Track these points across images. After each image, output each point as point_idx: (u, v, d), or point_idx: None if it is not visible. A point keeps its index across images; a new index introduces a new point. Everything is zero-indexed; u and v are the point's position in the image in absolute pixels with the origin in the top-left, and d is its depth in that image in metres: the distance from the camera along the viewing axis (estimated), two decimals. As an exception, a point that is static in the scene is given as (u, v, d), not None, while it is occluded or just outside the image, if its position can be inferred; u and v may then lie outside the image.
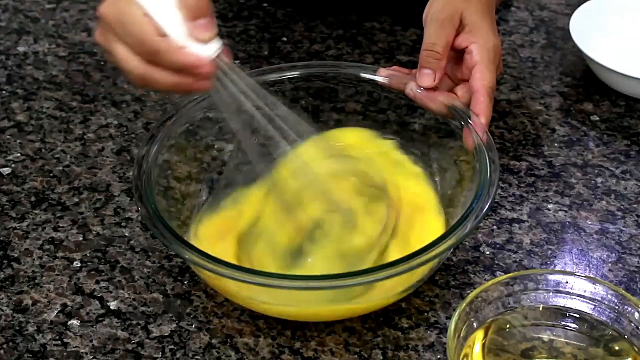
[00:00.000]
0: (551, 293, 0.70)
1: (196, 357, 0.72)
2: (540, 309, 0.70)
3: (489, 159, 0.75)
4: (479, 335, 0.68)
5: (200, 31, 0.67)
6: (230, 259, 0.74)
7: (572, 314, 0.70)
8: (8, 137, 0.95)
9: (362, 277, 0.67)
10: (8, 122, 0.97)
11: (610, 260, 0.79)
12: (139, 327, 0.75)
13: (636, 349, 0.67)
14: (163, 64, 0.67)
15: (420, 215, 0.79)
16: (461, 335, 0.67)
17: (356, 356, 0.72)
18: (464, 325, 0.67)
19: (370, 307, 0.73)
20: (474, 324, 0.68)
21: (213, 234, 0.78)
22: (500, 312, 0.69)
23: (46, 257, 0.81)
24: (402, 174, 0.82)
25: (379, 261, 0.73)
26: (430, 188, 0.81)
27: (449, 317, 0.74)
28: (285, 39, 1.08)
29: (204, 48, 0.67)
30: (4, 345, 0.74)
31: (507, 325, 0.69)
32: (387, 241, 0.75)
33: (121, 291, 0.78)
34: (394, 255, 0.73)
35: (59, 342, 0.74)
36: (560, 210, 0.84)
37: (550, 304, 0.70)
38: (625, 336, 0.68)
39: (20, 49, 1.08)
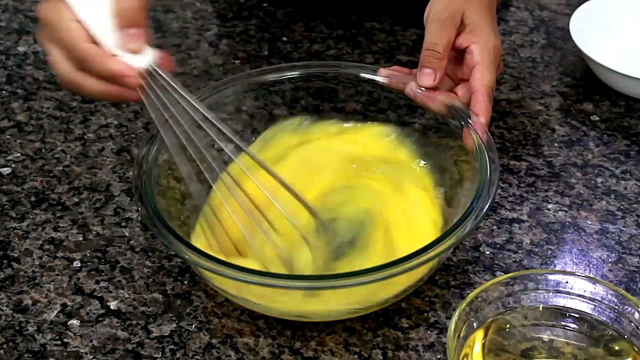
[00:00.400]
0: (551, 293, 0.70)
1: (196, 357, 0.72)
2: (540, 309, 0.70)
3: (489, 159, 0.75)
4: (479, 335, 0.68)
5: (129, 41, 0.67)
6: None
7: (572, 314, 0.70)
8: (8, 137, 0.95)
9: (362, 277, 0.67)
10: (8, 122, 0.97)
11: (610, 260, 0.79)
12: (139, 327, 0.75)
13: (636, 349, 0.67)
14: (92, 70, 0.67)
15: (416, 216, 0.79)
16: (461, 335, 0.67)
17: (356, 356, 0.72)
18: (464, 325, 0.67)
19: (370, 307, 0.73)
20: (474, 324, 0.68)
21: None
22: (500, 312, 0.69)
23: (46, 257, 0.81)
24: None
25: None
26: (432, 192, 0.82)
27: (449, 317, 0.74)
28: (285, 39, 1.08)
29: (136, 59, 0.67)
30: (4, 345, 0.74)
31: (507, 325, 0.69)
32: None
33: (121, 291, 0.78)
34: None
35: (59, 342, 0.74)
36: (560, 210, 0.84)
37: (550, 304, 0.70)
38: (625, 336, 0.68)
39: (20, 49, 1.08)
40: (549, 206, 0.84)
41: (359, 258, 0.75)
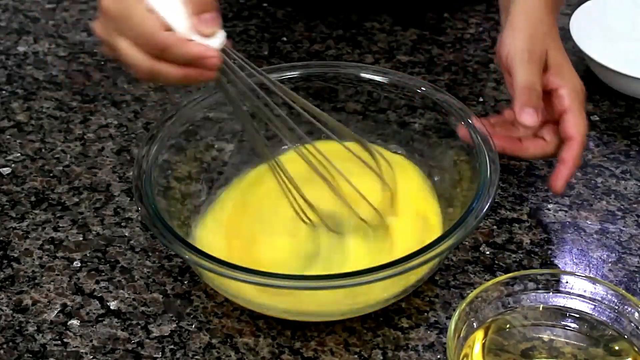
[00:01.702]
0: (551, 293, 0.70)
1: (196, 357, 0.72)
2: (540, 309, 0.70)
3: (489, 159, 0.75)
4: (479, 335, 0.68)
5: (205, 26, 0.67)
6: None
7: (572, 314, 0.70)
8: (8, 137, 0.95)
9: (362, 277, 0.67)
10: (8, 122, 0.97)
11: (610, 260, 0.79)
12: (139, 327, 0.75)
13: (636, 349, 0.67)
14: (170, 58, 0.66)
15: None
16: (461, 335, 0.67)
17: (356, 356, 0.72)
18: (464, 325, 0.67)
19: (370, 307, 0.73)
20: (474, 324, 0.68)
21: (215, 234, 0.78)
22: (500, 312, 0.69)
23: (46, 257, 0.81)
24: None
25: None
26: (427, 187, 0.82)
27: (449, 317, 0.74)
28: (285, 39, 1.08)
29: (211, 41, 0.67)
30: (4, 345, 0.74)
31: (507, 325, 0.69)
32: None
33: (121, 291, 0.78)
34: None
35: (59, 342, 0.74)
36: (560, 210, 0.84)
37: (550, 304, 0.70)
38: (625, 336, 0.68)
39: (20, 49, 1.08)
40: (549, 206, 0.84)
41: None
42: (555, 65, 0.79)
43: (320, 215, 0.75)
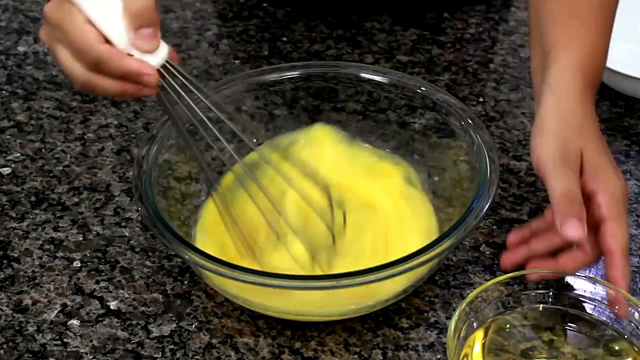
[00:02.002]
0: (551, 293, 0.70)
1: (196, 357, 0.72)
2: (540, 309, 0.70)
3: (489, 159, 0.75)
4: (479, 335, 0.68)
5: (143, 41, 0.66)
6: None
7: (572, 314, 0.70)
8: (8, 137, 0.95)
9: (362, 277, 0.67)
10: (8, 122, 0.97)
11: (610, 260, 0.79)
12: (139, 327, 0.75)
13: (636, 349, 0.67)
14: (107, 71, 0.66)
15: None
16: (461, 335, 0.67)
17: (356, 356, 0.72)
18: (464, 325, 0.67)
19: (370, 307, 0.73)
20: (474, 324, 0.68)
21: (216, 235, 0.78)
22: (500, 312, 0.69)
23: (46, 257, 0.81)
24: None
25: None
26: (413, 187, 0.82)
27: (449, 317, 0.74)
28: (285, 39, 1.08)
29: (150, 56, 0.66)
30: (4, 345, 0.74)
31: (507, 325, 0.69)
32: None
33: (121, 291, 0.78)
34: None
35: (59, 342, 0.74)
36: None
37: (550, 304, 0.70)
38: (625, 336, 0.68)
39: (20, 49, 1.08)
40: (549, 206, 0.84)
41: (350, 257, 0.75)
42: (591, 167, 0.71)
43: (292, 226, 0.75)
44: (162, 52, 0.67)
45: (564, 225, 0.68)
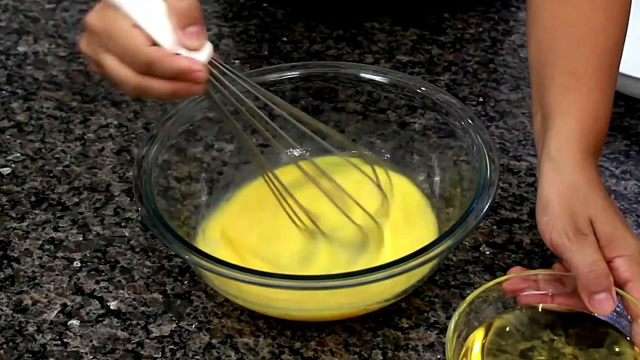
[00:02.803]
0: (550, 293, 0.70)
1: (196, 357, 0.72)
2: (540, 309, 0.70)
3: (489, 159, 0.75)
4: (478, 335, 0.68)
5: (190, 39, 0.66)
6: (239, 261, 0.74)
7: (573, 314, 0.70)
8: (8, 137, 0.95)
9: (362, 277, 0.67)
10: (8, 122, 0.97)
11: (610, 260, 0.79)
12: (139, 327, 0.75)
13: (637, 350, 0.67)
14: (157, 73, 0.66)
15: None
16: (461, 335, 0.67)
17: (356, 356, 0.72)
18: (463, 325, 0.67)
19: (370, 307, 0.73)
20: (474, 323, 0.68)
21: (219, 237, 0.78)
22: (500, 312, 0.69)
23: (46, 257, 0.81)
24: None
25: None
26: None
27: (449, 317, 0.74)
28: (285, 39, 1.08)
29: (196, 54, 0.67)
30: (4, 345, 0.74)
31: (507, 326, 0.69)
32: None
33: (121, 291, 0.78)
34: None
35: (59, 342, 0.74)
36: (560, 210, 0.84)
37: (550, 304, 0.70)
38: (627, 337, 0.68)
39: (20, 49, 1.08)
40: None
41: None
42: (605, 236, 0.68)
43: (315, 220, 0.75)
44: (207, 49, 0.68)
45: (593, 302, 0.66)
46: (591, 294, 0.66)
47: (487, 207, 0.71)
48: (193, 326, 0.75)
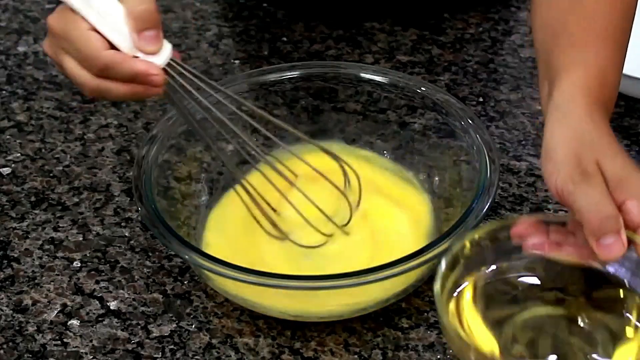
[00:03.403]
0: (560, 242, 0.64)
1: (196, 357, 0.72)
2: (541, 258, 0.65)
3: (489, 159, 0.75)
4: (470, 282, 0.64)
5: (147, 44, 0.67)
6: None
7: (582, 270, 0.64)
8: (8, 137, 0.95)
9: (362, 277, 0.67)
10: (8, 122, 0.97)
11: (610, 260, 0.79)
12: (139, 327, 0.75)
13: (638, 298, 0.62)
14: (115, 76, 0.67)
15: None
16: (452, 282, 0.63)
17: (356, 356, 0.72)
18: (453, 273, 0.63)
19: (370, 307, 0.73)
20: (465, 271, 0.64)
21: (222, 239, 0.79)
22: (499, 259, 0.65)
23: (46, 257, 0.81)
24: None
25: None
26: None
27: (449, 317, 0.74)
28: (285, 39, 1.08)
29: (154, 57, 0.68)
30: (4, 345, 0.74)
31: (501, 273, 0.65)
32: None
33: (121, 291, 0.78)
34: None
35: (59, 342, 0.74)
36: (560, 210, 0.84)
37: (556, 252, 0.64)
38: (626, 284, 0.62)
39: (20, 49, 1.08)
40: (549, 206, 0.84)
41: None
42: (614, 178, 0.62)
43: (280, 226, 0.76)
44: (165, 52, 0.68)
45: (600, 246, 0.60)
46: (598, 237, 0.60)
47: (487, 207, 0.71)
48: (193, 326, 0.75)
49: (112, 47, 0.67)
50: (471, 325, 0.63)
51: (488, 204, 0.71)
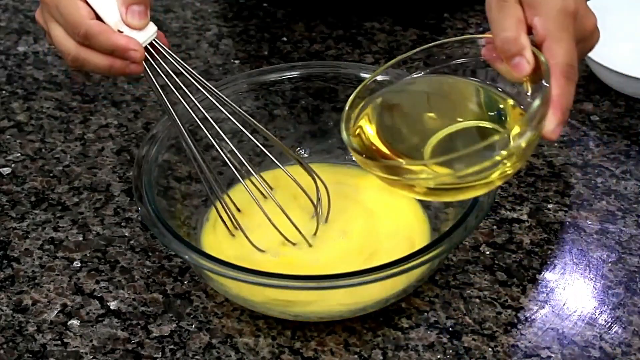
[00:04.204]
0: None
1: (196, 357, 0.72)
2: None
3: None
4: (375, 102, 0.70)
5: (133, 18, 0.69)
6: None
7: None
8: (8, 137, 0.95)
9: (362, 277, 0.67)
10: (8, 122, 0.97)
11: (610, 260, 0.79)
12: (139, 327, 0.75)
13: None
14: (96, 46, 0.69)
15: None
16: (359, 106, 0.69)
17: (356, 356, 0.72)
18: (363, 101, 0.70)
19: (370, 307, 0.73)
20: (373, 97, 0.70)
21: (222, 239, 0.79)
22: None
23: (46, 257, 0.81)
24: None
25: None
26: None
27: (449, 317, 0.74)
28: (285, 39, 1.08)
29: (139, 34, 0.70)
30: (4, 345, 0.74)
31: (404, 90, 0.71)
32: None
33: (121, 291, 0.78)
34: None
35: (59, 342, 0.74)
36: (560, 210, 0.84)
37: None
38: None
39: (20, 49, 1.08)
40: (549, 206, 0.84)
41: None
42: (527, 1, 0.67)
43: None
44: (149, 31, 0.70)
45: (510, 65, 0.66)
46: (507, 58, 0.66)
47: (487, 207, 0.71)
48: (193, 326, 0.75)
49: (100, 19, 0.69)
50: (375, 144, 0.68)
51: (488, 204, 0.71)
